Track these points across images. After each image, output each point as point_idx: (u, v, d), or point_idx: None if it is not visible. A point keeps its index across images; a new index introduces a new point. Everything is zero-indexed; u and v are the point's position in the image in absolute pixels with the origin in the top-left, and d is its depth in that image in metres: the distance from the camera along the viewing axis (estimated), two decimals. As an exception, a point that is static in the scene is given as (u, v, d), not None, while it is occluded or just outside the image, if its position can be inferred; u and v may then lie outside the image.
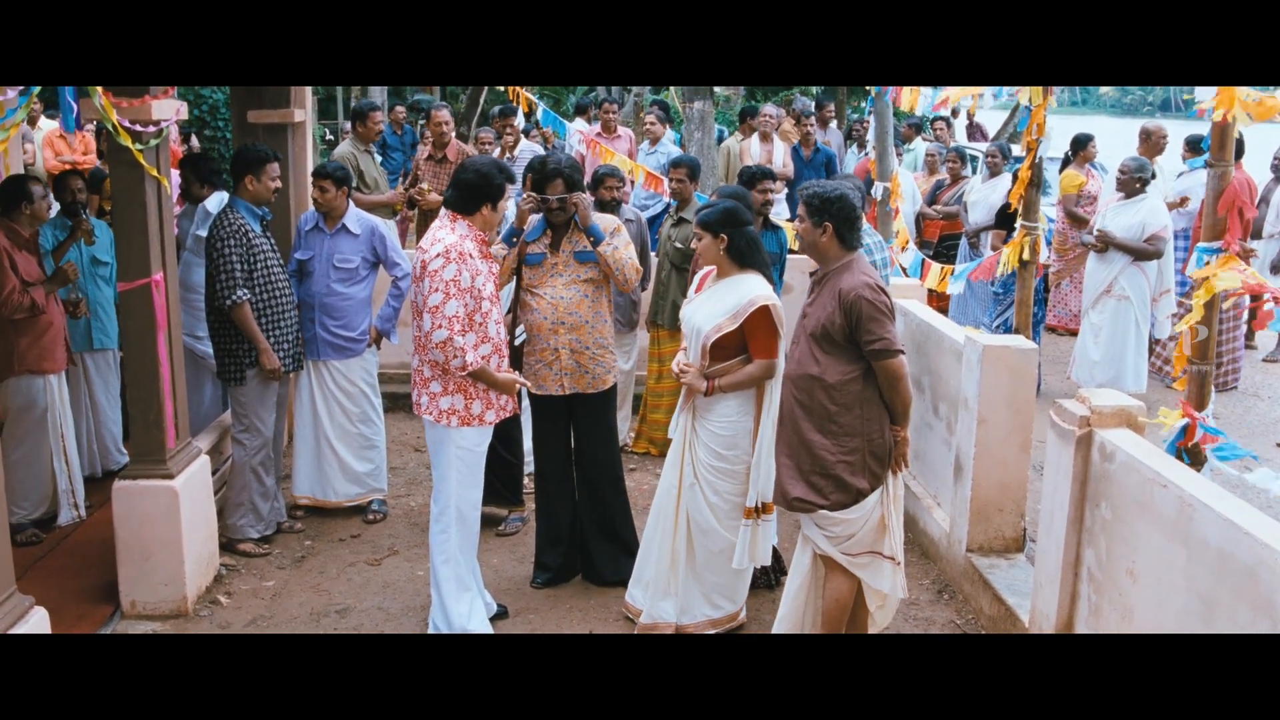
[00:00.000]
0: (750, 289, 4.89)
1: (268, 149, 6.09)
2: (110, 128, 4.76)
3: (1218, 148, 4.25)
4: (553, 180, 5.39)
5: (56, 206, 6.71)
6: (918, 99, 7.43)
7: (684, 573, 5.09)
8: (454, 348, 4.74)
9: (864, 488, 4.37)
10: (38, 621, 3.89)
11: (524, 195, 5.55)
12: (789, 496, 4.48)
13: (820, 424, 4.37)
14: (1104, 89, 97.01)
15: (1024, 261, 6.34)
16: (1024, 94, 5.86)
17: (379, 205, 8.53)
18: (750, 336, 4.86)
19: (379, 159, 9.87)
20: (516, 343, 5.56)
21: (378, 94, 18.39)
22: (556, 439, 5.70)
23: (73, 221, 6.54)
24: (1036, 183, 6.25)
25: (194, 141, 13.89)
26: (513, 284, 6.15)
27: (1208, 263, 4.29)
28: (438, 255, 4.74)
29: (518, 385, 5.04)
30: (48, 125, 12.26)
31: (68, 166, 9.51)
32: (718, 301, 4.92)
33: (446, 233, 4.85)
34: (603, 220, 5.53)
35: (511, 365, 5.29)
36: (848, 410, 4.35)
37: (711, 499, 4.98)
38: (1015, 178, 6.84)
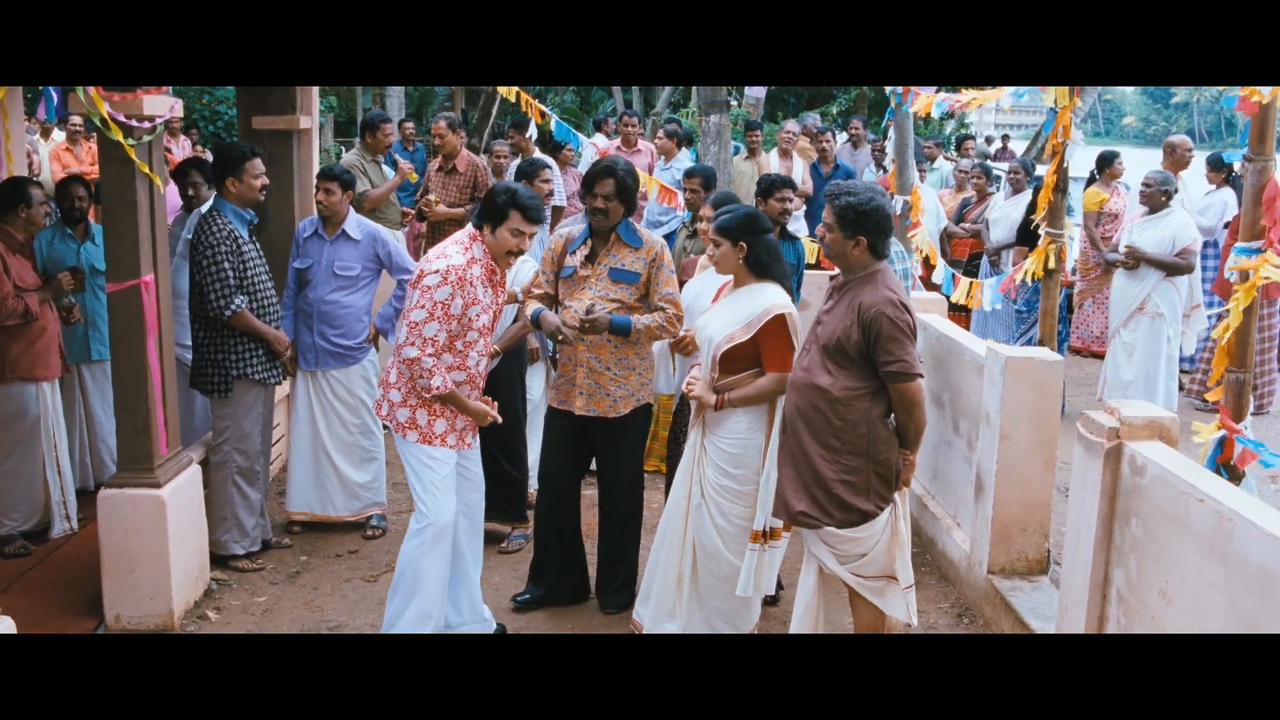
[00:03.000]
0: (767, 298, 4.66)
1: (246, 146, 5.89)
2: (99, 121, 4.60)
3: (1256, 141, 4.02)
4: (602, 179, 5.10)
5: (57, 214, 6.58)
6: (931, 105, 7.22)
7: (688, 595, 4.85)
8: (420, 368, 4.56)
9: (869, 509, 4.12)
10: (2, 630, 3.69)
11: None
12: (792, 510, 4.23)
13: (821, 438, 4.13)
14: (1127, 119, 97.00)
15: (1049, 270, 6.11)
16: (1049, 95, 5.65)
17: (393, 188, 8.48)
18: (764, 348, 4.63)
19: (390, 172, 9.73)
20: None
21: (395, 110, 18.32)
22: (566, 457, 5.39)
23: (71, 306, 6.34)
24: (1063, 188, 6.03)
25: (208, 156, 13.81)
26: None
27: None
28: (435, 272, 4.55)
29: (489, 417, 4.82)
30: (60, 138, 12.24)
31: (76, 179, 9.41)
32: (733, 310, 4.70)
33: (458, 251, 4.65)
34: (646, 239, 5.20)
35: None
36: (852, 428, 4.10)
37: (719, 521, 4.73)
38: (1038, 191, 6.64)
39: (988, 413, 5.29)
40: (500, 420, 4.91)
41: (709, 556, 4.78)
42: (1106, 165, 10.24)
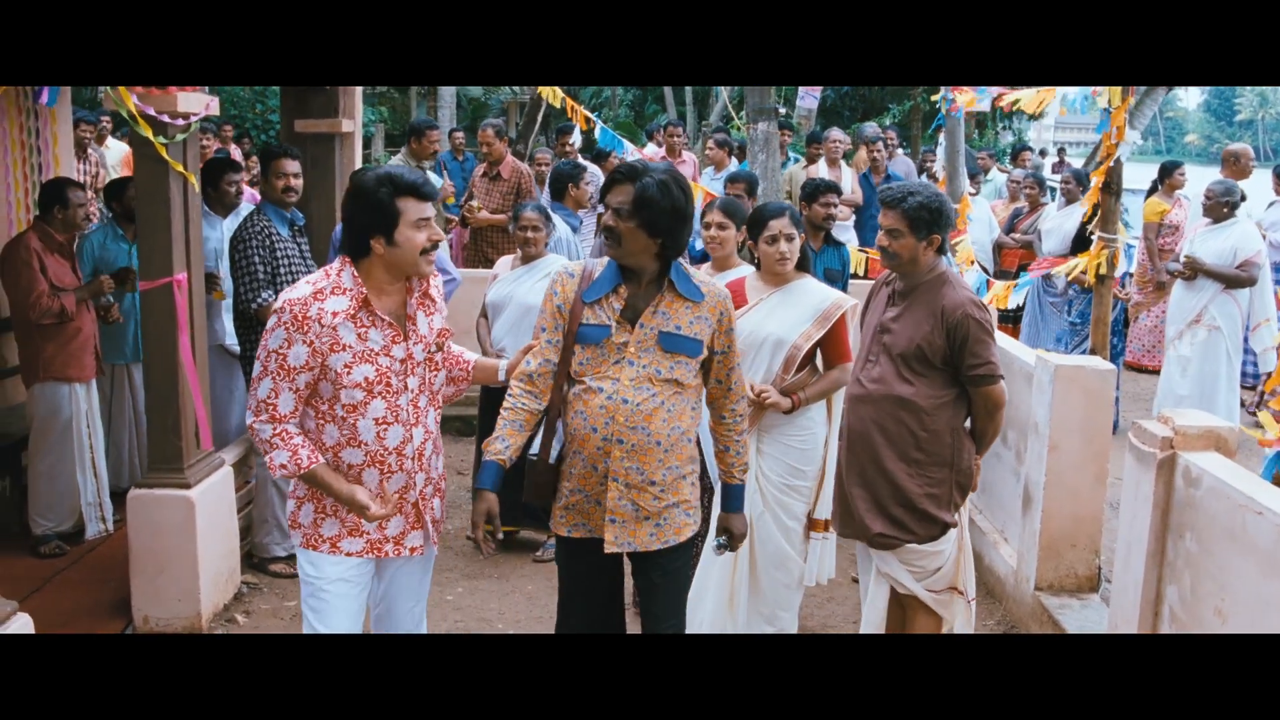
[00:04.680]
0: (826, 291, 4.59)
1: (282, 146, 5.89)
2: (126, 116, 4.56)
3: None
4: (619, 185, 3.43)
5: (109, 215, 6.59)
6: (974, 101, 7.07)
7: (744, 612, 4.67)
8: (258, 440, 3.31)
9: (950, 521, 4.02)
10: (18, 628, 3.64)
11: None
12: (870, 533, 4.05)
13: (903, 451, 3.97)
14: (1189, 137, 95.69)
15: (1101, 276, 5.90)
16: (1103, 98, 5.47)
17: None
18: (833, 341, 4.53)
19: (435, 179, 9.69)
20: (551, 458, 3.60)
21: (446, 120, 18.37)
22: (591, 599, 3.68)
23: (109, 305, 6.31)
24: (1115, 191, 5.82)
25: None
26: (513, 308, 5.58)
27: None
28: (273, 310, 3.28)
29: (370, 513, 3.31)
30: (117, 145, 12.33)
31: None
32: (791, 308, 4.55)
33: (310, 281, 3.33)
34: (710, 291, 3.52)
35: (539, 488, 3.53)
36: (937, 438, 3.96)
37: (788, 523, 4.58)
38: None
39: (1036, 423, 5.11)
40: (383, 513, 3.34)
41: (778, 565, 4.62)
42: (1167, 176, 10.03)
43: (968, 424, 4.11)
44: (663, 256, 3.46)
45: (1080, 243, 8.21)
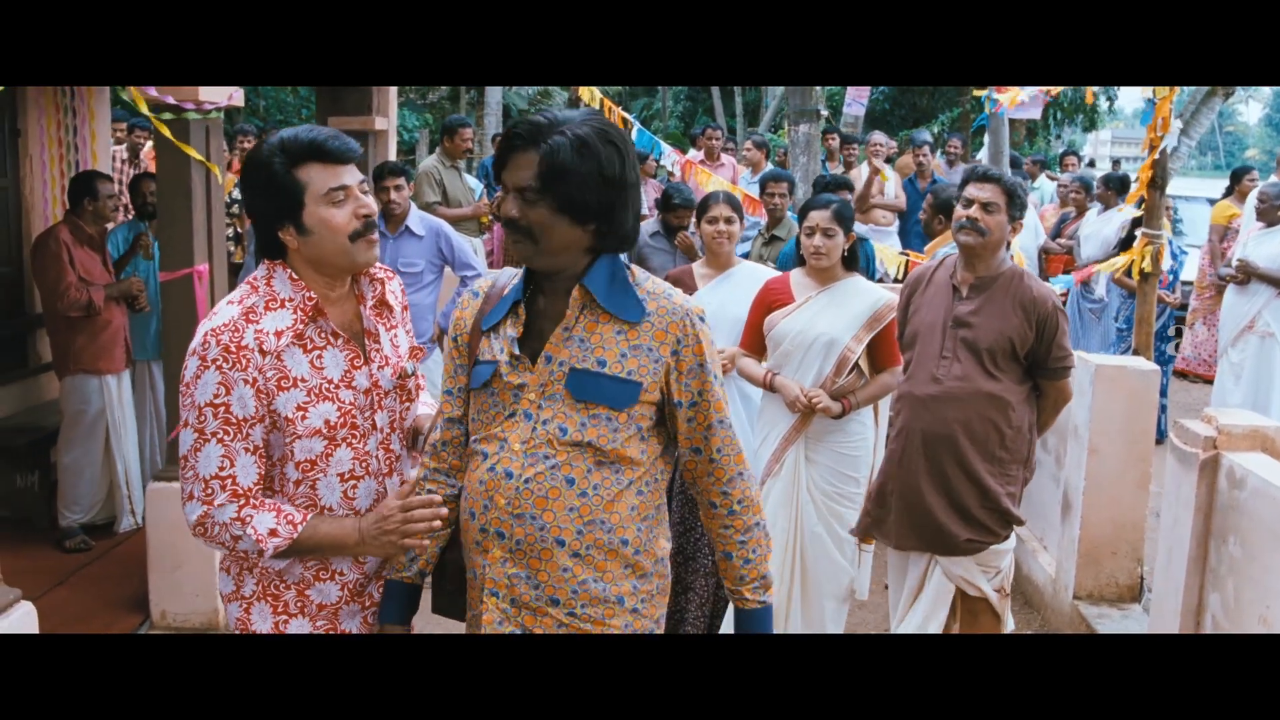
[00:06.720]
0: (878, 291, 4.41)
1: None
2: (127, 98, 4.52)
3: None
4: (519, 151, 2.24)
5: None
6: (1017, 100, 6.92)
7: (797, 628, 4.48)
8: (224, 535, 2.34)
9: (1022, 518, 3.94)
10: (20, 618, 3.57)
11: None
12: (958, 540, 3.88)
13: (989, 451, 3.84)
14: (1250, 151, 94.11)
15: (1145, 274, 5.71)
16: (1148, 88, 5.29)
17: (463, 219, 8.27)
18: (884, 344, 4.32)
19: (478, 185, 9.64)
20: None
21: (492, 126, 18.38)
22: None
23: (139, 234, 6.33)
24: (1161, 185, 5.62)
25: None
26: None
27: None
28: (191, 352, 2.34)
29: (415, 538, 2.37)
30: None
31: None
32: (841, 308, 4.36)
33: (237, 298, 2.39)
34: (659, 304, 2.33)
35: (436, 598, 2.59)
36: (1020, 434, 3.87)
37: (841, 533, 4.39)
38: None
39: (1076, 426, 4.93)
40: (423, 547, 2.42)
41: (831, 578, 4.43)
42: (1238, 181, 9.84)
43: None
44: (597, 251, 2.31)
45: (1124, 248, 8.01)
